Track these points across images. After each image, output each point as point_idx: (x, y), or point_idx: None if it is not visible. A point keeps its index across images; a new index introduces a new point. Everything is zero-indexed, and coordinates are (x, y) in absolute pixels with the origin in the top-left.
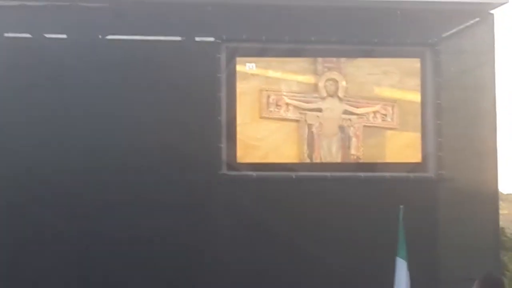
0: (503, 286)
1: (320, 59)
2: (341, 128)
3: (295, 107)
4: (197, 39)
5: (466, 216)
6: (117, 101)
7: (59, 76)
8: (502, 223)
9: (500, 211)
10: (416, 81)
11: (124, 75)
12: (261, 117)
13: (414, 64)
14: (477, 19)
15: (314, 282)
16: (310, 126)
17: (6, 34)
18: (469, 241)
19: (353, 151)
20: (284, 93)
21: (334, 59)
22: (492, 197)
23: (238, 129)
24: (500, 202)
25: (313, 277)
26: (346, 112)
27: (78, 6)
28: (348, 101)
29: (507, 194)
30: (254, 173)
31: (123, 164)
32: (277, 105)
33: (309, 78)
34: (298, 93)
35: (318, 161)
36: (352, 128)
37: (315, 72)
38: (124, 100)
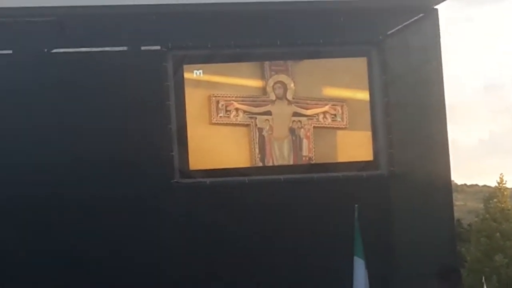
0: (460, 277)
1: (267, 63)
2: (292, 130)
3: (245, 111)
4: (143, 48)
5: (421, 211)
6: (65, 114)
7: (6, 91)
8: (458, 214)
9: (456, 203)
10: (364, 80)
11: (72, 88)
12: (211, 123)
13: (361, 63)
14: (422, 14)
15: (272, 285)
16: (260, 129)
17: None
18: (425, 235)
19: (304, 153)
20: (233, 98)
21: (281, 62)
22: (446, 190)
23: (189, 136)
24: (456, 194)
25: (270, 281)
26: (295, 114)
27: (22, 21)
28: (297, 103)
29: (461, 185)
30: (207, 180)
31: (74, 176)
32: (226, 110)
33: (257, 82)
34: (247, 97)
35: (270, 164)
36: (302, 130)
37: (263, 76)
38: (73, 113)
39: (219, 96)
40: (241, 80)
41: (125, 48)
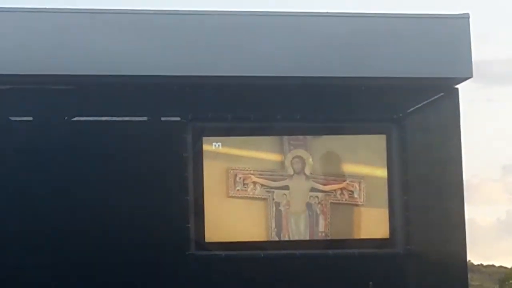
0: None
1: (286, 137)
2: (309, 206)
3: (262, 185)
4: (163, 119)
5: None
6: (83, 182)
7: (26, 159)
8: None
9: (472, 283)
10: (382, 157)
11: (90, 157)
12: (229, 196)
13: (380, 140)
14: (442, 93)
15: None
16: (277, 204)
17: None
18: None
19: (321, 228)
20: (251, 172)
21: (301, 136)
22: (462, 270)
23: (206, 208)
24: (472, 274)
25: None
26: (313, 189)
27: (44, 89)
28: (315, 178)
29: (478, 265)
30: (223, 253)
31: (89, 245)
32: (244, 183)
33: (275, 156)
34: (265, 171)
35: (286, 238)
36: (319, 205)
37: (282, 150)
38: (91, 181)
39: (237, 169)
40: (259, 153)
41: (145, 118)
